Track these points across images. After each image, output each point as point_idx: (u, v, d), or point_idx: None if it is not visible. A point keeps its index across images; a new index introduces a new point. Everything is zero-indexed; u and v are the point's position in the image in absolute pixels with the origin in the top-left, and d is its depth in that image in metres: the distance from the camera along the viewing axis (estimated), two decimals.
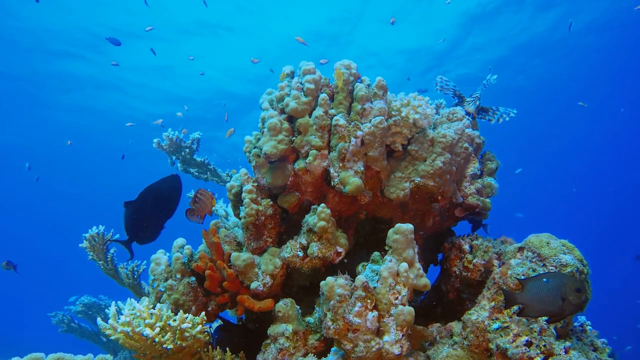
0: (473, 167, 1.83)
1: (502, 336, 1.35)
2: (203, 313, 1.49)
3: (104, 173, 16.62)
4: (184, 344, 1.40)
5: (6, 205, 18.93)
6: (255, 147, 1.73)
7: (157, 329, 1.34)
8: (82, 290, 4.37)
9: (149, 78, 10.26)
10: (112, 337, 1.34)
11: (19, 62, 9.35)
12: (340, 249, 1.61)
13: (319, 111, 1.63)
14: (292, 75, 1.76)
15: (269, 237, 1.69)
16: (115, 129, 12.43)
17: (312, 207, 1.62)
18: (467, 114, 1.92)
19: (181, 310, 1.44)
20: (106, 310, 3.79)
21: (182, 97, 10.98)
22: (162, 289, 1.65)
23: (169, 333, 1.37)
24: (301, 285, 1.73)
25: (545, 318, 1.32)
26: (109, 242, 1.70)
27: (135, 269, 2.49)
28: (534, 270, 1.41)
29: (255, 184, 1.72)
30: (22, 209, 19.62)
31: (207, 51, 9.35)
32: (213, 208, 1.79)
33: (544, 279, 1.14)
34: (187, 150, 2.90)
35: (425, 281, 1.39)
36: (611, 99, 12.36)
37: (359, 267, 1.50)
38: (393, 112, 1.71)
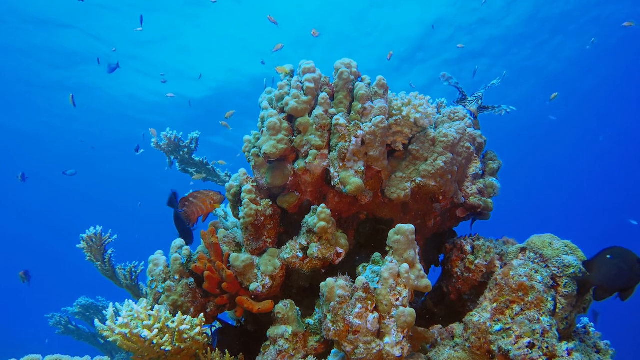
0: (475, 167, 1.82)
1: (504, 338, 1.33)
2: (202, 314, 1.48)
3: (103, 169, 16.57)
4: (182, 346, 1.39)
5: (2, 203, 18.88)
6: (254, 147, 1.72)
7: (156, 331, 1.33)
8: (79, 292, 4.35)
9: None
10: (110, 339, 1.34)
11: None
12: (340, 250, 1.59)
13: (319, 110, 1.62)
14: (291, 73, 1.75)
15: (268, 238, 1.67)
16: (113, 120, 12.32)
17: (312, 207, 1.61)
18: (469, 112, 1.90)
19: (180, 312, 1.43)
20: (104, 311, 3.76)
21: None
22: (161, 290, 1.64)
23: (167, 335, 1.35)
24: (301, 286, 1.72)
25: (548, 319, 1.31)
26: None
27: (133, 269, 2.48)
28: (536, 272, 1.40)
29: (255, 184, 1.70)
30: (18, 206, 19.58)
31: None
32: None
33: (607, 256, 1.13)
34: (186, 149, 2.88)
35: (426, 282, 1.38)
36: (616, 98, 12.36)
37: (360, 268, 1.49)
38: (394, 111, 1.70)
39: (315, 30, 3.17)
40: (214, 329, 1.74)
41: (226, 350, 1.53)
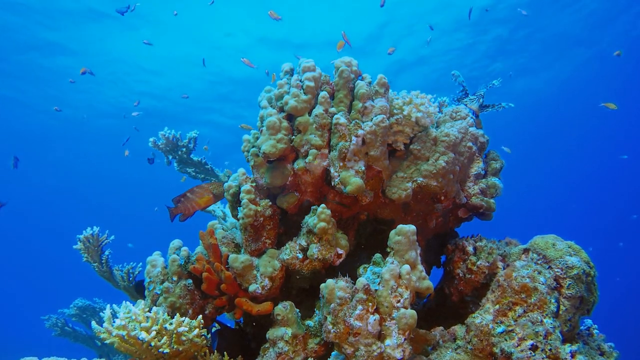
0: (477, 167, 1.81)
1: (506, 340, 1.32)
2: (200, 316, 1.46)
3: (100, 168, 16.52)
4: (180, 348, 1.37)
5: None
6: (253, 146, 1.70)
7: (153, 333, 1.31)
8: (76, 293, 4.32)
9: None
10: (107, 341, 1.32)
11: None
12: (340, 251, 1.58)
13: (319, 109, 1.60)
14: (291, 72, 1.73)
15: (267, 239, 1.65)
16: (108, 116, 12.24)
17: (312, 207, 1.59)
18: (471, 111, 1.89)
19: (178, 314, 1.41)
20: (101, 313, 3.73)
21: None
22: (158, 292, 1.62)
23: (165, 337, 1.34)
24: (301, 287, 1.70)
25: (551, 321, 1.30)
26: None
27: (130, 271, 2.45)
28: (539, 273, 1.38)
29: (254, 184, 1.68)
30: (14, 207, 19.50)
31: None
32: (211, 208, 1.76)
33: None
34: (184, 149, 2.86)
35: (427, 284, 1.36)
36: (621, 101, 12.36)
37: (360, 269, 1.47)
38: (395, 111, 1.68)
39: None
40: (213, 329, 1.72)
41: (225, 353, 1.51)
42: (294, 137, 1.63)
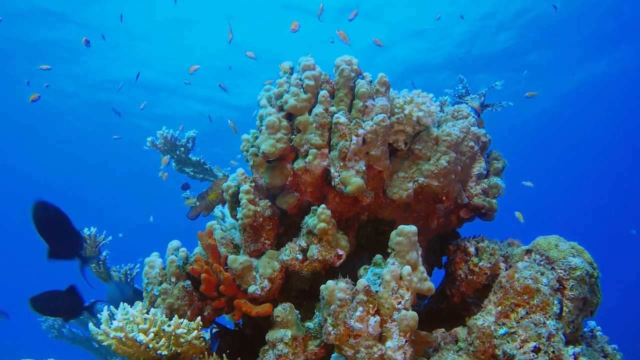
0: (479, 167, 1.79)
1: (509, 342, 1.30)
2: (199, 318, 1.44)
3: (99, 168, 16.47)
4: (179, 350, 1.36)
5: None
6: (252, 146, 1.69)
7: (151, 335, 1.30)
8: None
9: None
10: (105, 343, 1.31)
11: None
12: (341, 252, 1.56)
13: (319, 108, 1.59)
14: (291, 71, 1.72)
15: (267, 239, 1.64)
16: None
17: (312, 208, 1.58)
18: (473, 110, 1.88)
19: (176, 315, 1.40)
20: (98, 315, 3.71)
21: None
22: (156, 293, 1.60)
23: (163, 339, 1.33)
24: (300, 289, 1.69)
25: (554, 322, 1.29)
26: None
27: (128, 272, 2.44)
28: (542, 274, 1.37)
29: (253, 184, 1.67)
30: (12, 205, 19.45)
31: None
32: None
33: None
34: (182, 149, 2.84)
35: (429, 285, 1.35)
36: (623, 99, 12.35)
37: (361, 271, 1.46)
38: (396, 110, 1.67)
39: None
40: (212, 331, 1.71)
41: (224, 355, 1.50)
42: (293, 136, 1.61)
